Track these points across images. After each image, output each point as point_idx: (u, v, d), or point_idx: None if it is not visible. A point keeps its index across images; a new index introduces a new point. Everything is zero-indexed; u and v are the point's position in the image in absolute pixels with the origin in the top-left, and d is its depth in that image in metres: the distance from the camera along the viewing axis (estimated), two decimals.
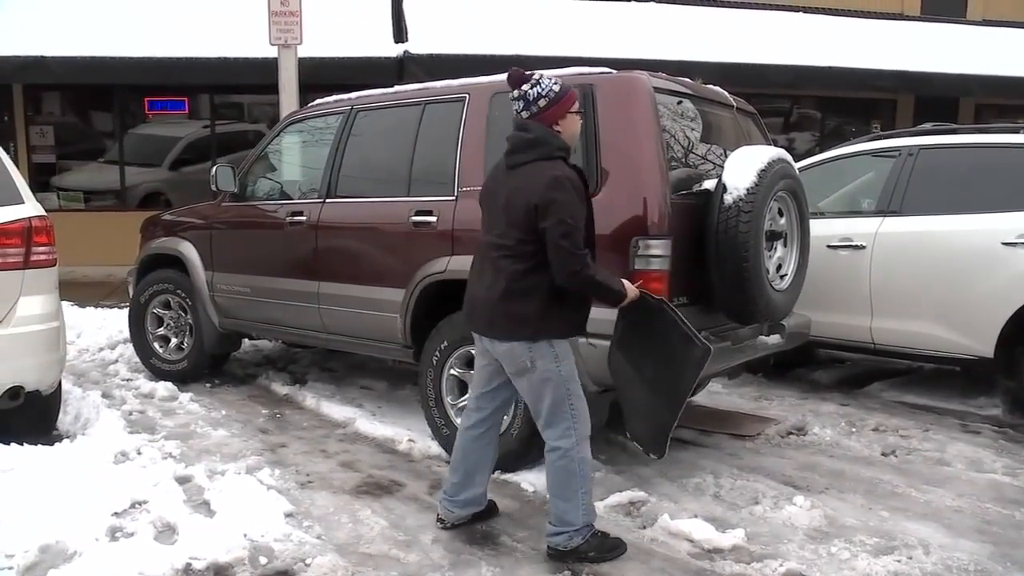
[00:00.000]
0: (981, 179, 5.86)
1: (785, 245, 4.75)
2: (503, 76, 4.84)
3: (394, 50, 11.02)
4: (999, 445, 5.31)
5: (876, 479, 4.67)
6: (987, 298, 5.58)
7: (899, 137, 6.56)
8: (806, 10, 13.44)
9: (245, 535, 3.74)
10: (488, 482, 4.01)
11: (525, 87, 3.60)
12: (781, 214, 4.67)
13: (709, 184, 4.37)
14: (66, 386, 5.59)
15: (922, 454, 5.09)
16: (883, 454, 5.11)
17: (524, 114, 3.60)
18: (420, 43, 10.97)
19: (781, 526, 4.05)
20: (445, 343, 4.73)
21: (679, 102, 4.60)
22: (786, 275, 4.74)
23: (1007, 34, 13.91)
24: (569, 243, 3.41)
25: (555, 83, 3.59)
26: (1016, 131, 6.01)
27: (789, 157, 4.66)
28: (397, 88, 5.58)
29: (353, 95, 5.65)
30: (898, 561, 3.70)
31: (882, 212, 6.09)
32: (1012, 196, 5.62)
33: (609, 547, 3.74)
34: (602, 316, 4.15)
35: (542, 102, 3.57)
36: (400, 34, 11.38)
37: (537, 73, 3.64)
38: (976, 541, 3.94)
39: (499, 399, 3.89)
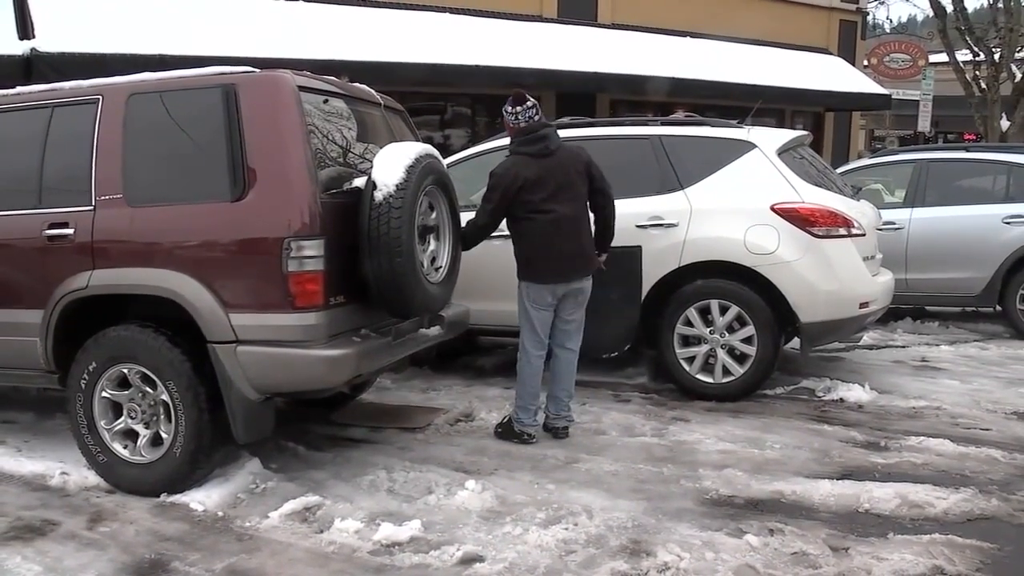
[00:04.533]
0: (617, 168, 6.28)
1: (438, 238, 4.84)
2: (140, 76, 4.62)
3: (20, 48, 10.05)
4: (647, 410, 5.79)
5: (541, 455, 4.93)
6: None
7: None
8: (452, 11, 13.83)
9: None
10: None
11: (532, 100, 5.00)
12: (432, 208, 4.75)
13: (359, 182, 4.37)
14: None
15: (581, 426, 5.42)
16: (546, 430, 5.39)
17: (538, 117, 5.01)
18: (49, 40, 10.06)
19: (456, 511, 4.16)
20: (94, 364, 4.39)
21: (325, 100, 4.56)
22: (441, 267, 4.83)
23: (634, 37, 15.18)
24: None
25: None
26: (646, 123, 6.56)
27: (436, 152, 4.75)
28: (20, 89, 5.08)
29: None
30: (566, 529, 3.93)
31: None
32: (643, 183, 6.14)
33: None
34: (267, 323, 4.11)
35: None
36: (25, 30, 10.40)
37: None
38: (632, 500, 4.28)
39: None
